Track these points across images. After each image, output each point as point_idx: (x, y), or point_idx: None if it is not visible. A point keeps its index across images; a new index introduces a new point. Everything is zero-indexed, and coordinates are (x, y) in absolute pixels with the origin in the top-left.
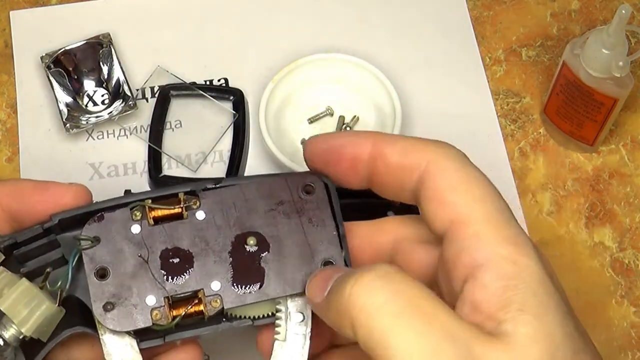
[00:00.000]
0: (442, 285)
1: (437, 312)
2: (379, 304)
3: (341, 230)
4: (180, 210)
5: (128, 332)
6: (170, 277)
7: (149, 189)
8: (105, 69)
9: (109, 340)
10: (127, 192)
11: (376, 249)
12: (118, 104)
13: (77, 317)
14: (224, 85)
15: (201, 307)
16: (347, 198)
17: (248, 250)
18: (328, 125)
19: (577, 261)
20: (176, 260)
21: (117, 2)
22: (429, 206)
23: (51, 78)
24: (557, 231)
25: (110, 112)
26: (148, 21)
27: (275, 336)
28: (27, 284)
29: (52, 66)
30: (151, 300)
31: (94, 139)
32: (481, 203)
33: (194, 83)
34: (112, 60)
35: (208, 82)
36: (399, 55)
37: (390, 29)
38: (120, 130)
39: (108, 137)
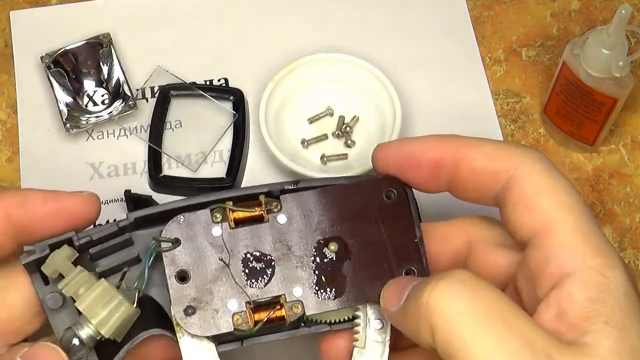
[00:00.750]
0: (523, 290)
1: (517, 319)
2: (459, 310)
3: (419, 235)
4: (261, 213)
5: (207, 336)
6: (251, 282)
7: (149, 189)
8: (105, 69)
9: (187, 344)
10: (127, 192)
11: (452, 251)
12: (118, 104)
13: (152, 318)
14: (224, 85)
15: (283, 313)
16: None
17: (330, 256)
18: (328, 125)
19: None
20: (258, 265)
21: (117, 2)
22: (515, 211)
23: (51, 78)
24: None
25: (110, 112)
26: (148, 21)
27: (354, 343)
28: (105, 284)
29: (52, 66)
30: (233, 305)
31: (94, 139)
32: (569, 211)
33: (194, 83)
34: (112, 60)
35: (208, 82)
36: (399, 55)
37: (390, 29)
38: (120, 130)
39: (108, 137)
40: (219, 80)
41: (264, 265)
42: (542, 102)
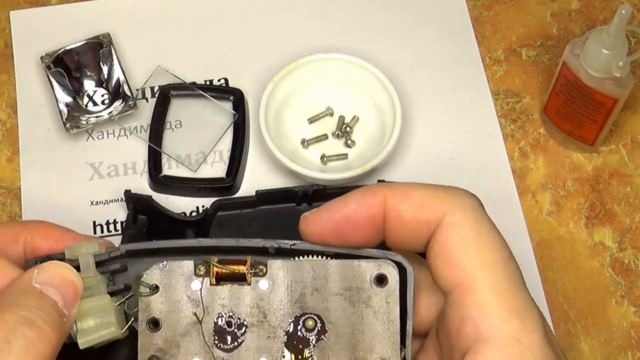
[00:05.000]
0: (441, 342)
1: None
2: None
3: (409, 326)
4: (245, 273)
5: None
6: (220, 344)
7: (149, 189)
8: (105, 69)
9: None
10: (127, 192)
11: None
12: (118, 104)
13: (123, 352)
14: (224, 85)
15: None
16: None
17: (304, 333)
18: (328, 125)
19: (577, 261)
20: (230, 327)
21: (117, 2)
22: (436, 261)
23: (51, 78)
24: (557, 231)
25: (110, 112)
26: (148, 21)
27: None
28: (107, 300)
29: (52, 66)
30: None
31: (94, 139)
32: (490, 268)
33: (194, 83)
34: (112, 60)
35: (208, 82)
36: (399, 55)
37: (390, 29)
38: (120, 130)
39: (108, 137)
40: (219, 80)
41: (236, 329)
42: (542, 102)
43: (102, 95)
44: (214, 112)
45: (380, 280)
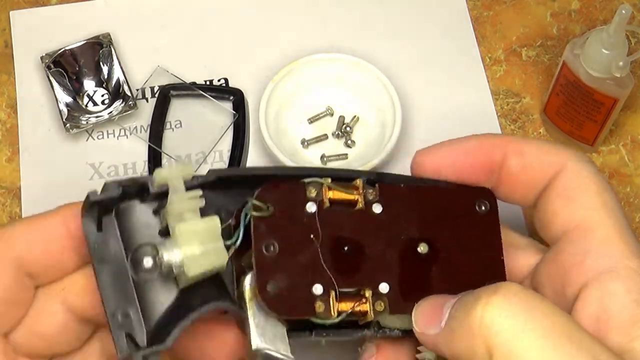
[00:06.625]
0: (544, 290)
1: (581, 335)
2: (520, 327)
3: (502, 257)
4: (357, 197)
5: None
6: (339, 269)
7: None
8: (105, 69)
9: (257, 324)
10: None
11: None
12: (118, 104)
13: (212, 291)
14: (224, 85)
15: (366, 308)
16: None
17: (420, 257)
18: (328, 125)
19: None
20: (347, 251)
21: (117, 2)
22: (555, 202)
23: (51, 78)
24: None
25: (110, 112)
26: (148, 21)
27: (419, 355)
28: (217, 222)
29: (52, 66)
30: (318, 289)
31: (94, 139)
32: (612, 212)
33: (194, 83)
34: (112, 60)
35: (208, 82)
36: (399, 55)
37: (390, 29)
38: (120, 130)
39: (108, 137)
40: (219, 80)
41: (354, 253)
42: (542, 102)
43: (102, 95)
44: (214, 112)
45: (481, 207)
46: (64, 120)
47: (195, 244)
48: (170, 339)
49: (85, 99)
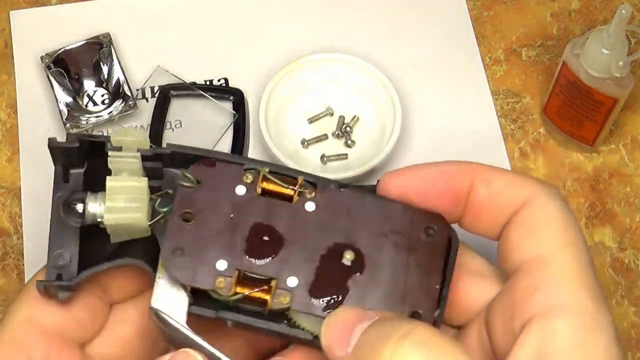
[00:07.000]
0: (496, 323)
1: None
2: None
3: (445, 290)
4: (292, 192)
5: (185, 288)
6: (251, 253)
7: None
8: (105, 69)
9: (162, 287)
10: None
11: None
12: (118, 104)
13: (142, 252)
14: (224, 85)
15: (267, 297)
16: None
17: (341, 263)
18: (328, 125)
19: None
20: (265, 239)
21: (117, 2)
22: (517, 232)
23: (51, 78)
24: None
25: (110, 112)
26: (148, 21)
27: None
28: (145, 184)
29: (52, 66)
30: (222, 265)
31: None
32: (572, 248)
33: (194, 83)
34: (112, 60)
35: (208, 82)
36: (398, 56)
37: (390, 29)
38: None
39: None
40: (219, 80)
41: (271, 243)
42: (542, 102)
43: (102, 95)
44: (214, 112)
45: (430, 233)
46: (64, 120)
47: (121, 198)
48: (75, 279)
49: (85, 99)
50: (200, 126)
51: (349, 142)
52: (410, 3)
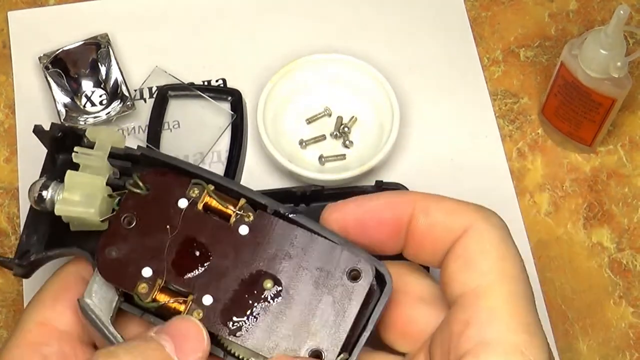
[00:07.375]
0: (436, 353)
1: None
2: None
3: (363, 337)
4: (231, 213)
5: (115, 287)
6: (177, 265)
7: None
8: (103, 69)
9: (98, 281)
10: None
11: None
12: (116, 105)
13: (95, 243)
14: (222, 85)
15: (181, 309)
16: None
17: (258, 290)
18: (326, 125)
19: (575, 262)
20: (193, 254)
21: (115, 3)
22: (454, 264)
23: (49, 78)
24: (555, 232)
25: (108, 112)
26: (146, 21)
27: None
28: (102, 182)
29: (50, 66)
30: (147, 272)
31: None
32: (508, 280)
33: (192, 83)
34: (110, 61)
35: (206, 83)
36: (397, 56)
37: (388, 29)
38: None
39: None
40: (217, 81)
41: (198, 258)
42: (540, 102)
43: (100, 96)
44: (212, 112)
45: (354, 276)
46: (61, 120)
47: (76, 192)
48: (25, 258)
49: (83, 100)
50: (198, 127)
51: (347, 142)
52: (408, 3)
